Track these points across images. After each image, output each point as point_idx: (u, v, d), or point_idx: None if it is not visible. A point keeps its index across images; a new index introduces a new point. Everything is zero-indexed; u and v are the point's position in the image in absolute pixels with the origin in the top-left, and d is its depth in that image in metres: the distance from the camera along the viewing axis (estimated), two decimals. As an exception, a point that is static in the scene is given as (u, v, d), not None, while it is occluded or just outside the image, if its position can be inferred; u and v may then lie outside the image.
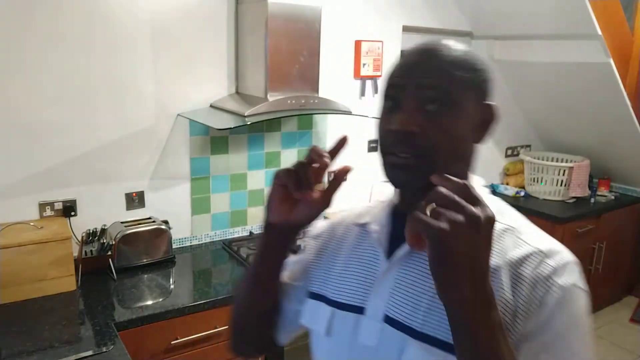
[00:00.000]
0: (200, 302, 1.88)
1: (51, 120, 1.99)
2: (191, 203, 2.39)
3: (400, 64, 0.76)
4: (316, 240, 0.93)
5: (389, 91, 0.76)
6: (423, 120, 0.71)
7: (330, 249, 0.89)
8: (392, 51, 2.87)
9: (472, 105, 0.73)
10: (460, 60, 0.73)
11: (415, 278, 0.74)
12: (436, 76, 0.71)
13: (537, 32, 2.90)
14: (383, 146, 0.76)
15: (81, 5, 1.96)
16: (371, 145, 2.93)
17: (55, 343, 1.59)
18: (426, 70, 0.72)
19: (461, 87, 0.72)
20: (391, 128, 0.72)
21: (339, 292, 0.82)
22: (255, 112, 2.04)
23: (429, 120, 0.70)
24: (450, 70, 0.72)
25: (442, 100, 0.71)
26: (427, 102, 0.71)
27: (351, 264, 0.83)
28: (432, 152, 0.71)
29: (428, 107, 0.71)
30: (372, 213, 0.87)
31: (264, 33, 2.09)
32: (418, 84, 0.72)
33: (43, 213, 2.03)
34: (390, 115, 0.74)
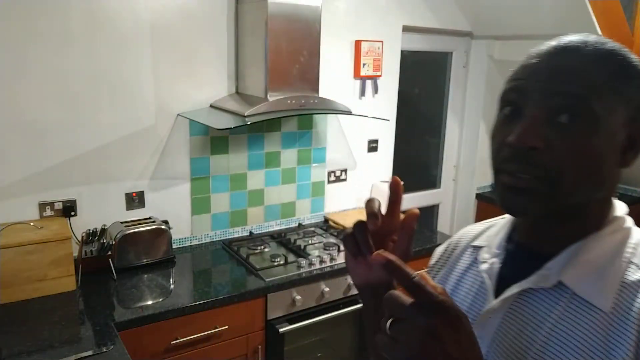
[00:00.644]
0: (200, 302, 1.88)
1: (51, 120, 1.98)
2: (191, 203, 2.39)
3: (526, 64, 0.63)
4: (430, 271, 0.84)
5: (508, 95, 0.63)
6: (550, 134, 0.57)
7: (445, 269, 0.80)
8: (392, 51, 2.87)
9: (619, 119, 0.58)
10: (609, 61, 0.59)
11: (524, 325, 0.63)
12: (571, 80, 0.57)
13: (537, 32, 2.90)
14: (496, 162, 0.63)
15: (82, 6, 1.96)
16: (371, 145, 2.93)
17: (55, 343, 1.59)
18: (558, 72, 0.58)
19: (605, 96, 0.57)
20: (509, 140, 0.59)
21: None
22: (255, 112, 2.04)
23: (558, 135, 0.57)
24: (591, 73, 0.57)
25: (577, 111, 0.57)
26: (557, 111, 0.57)
27: (459, 291, 0.74)
28: (560, 175, 0.58)
29: (558, 119, 0.57)
30: (489, 234, 0.76)
31: (264, 33, 2.09)
32: (547, 89, 0.58)
33: (43, 213, 2.03)
34: (508, 125, 0.61)
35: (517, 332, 0.63)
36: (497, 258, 0.70)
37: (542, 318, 0.62)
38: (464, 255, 0.78)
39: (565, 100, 0.57)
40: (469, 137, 3.46)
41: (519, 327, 0.63)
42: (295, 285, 2.10)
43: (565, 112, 0.57)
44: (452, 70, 3.34)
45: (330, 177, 2.81)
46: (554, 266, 0.63)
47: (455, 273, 0.78)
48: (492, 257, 0.71)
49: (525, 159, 0.59)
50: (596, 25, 2.56)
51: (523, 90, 0.61)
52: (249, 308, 2.01)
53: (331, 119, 2.72)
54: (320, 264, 2.21)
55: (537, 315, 0.62)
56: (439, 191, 3.53)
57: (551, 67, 0.59)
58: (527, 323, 0.63)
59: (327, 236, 2.54)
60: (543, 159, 0.58)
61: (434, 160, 3.51)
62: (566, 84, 0.57)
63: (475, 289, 0.72)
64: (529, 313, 0.63)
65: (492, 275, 0.69)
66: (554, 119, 0.58)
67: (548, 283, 0.62)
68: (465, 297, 0.73)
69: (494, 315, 0.66)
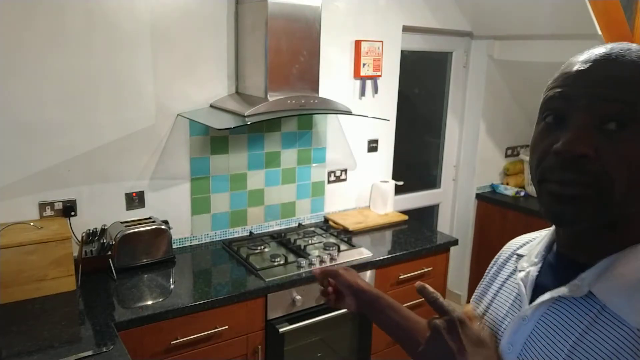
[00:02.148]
0: (200, 302, 1.88)
1: (51, 120, 1.98)
2: (191, 203, 2.39)
3: (569, 71, 0.62)
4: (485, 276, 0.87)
5: (551, 103, 0.62)
6: (599, 141, 0.57)
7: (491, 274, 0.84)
8: (392, 51, 2.87)
9: None
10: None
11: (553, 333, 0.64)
12: (619, 87, 0.57)
13: (537, 32, 2.90)
14: (541, 171, 0.62)
15: (81, 5, 1.96)
16: (371, 145, 2.93)
17: (55, 343, 1.59)
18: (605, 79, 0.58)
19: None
20: (557, 148, 0.58)
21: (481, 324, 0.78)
22: (255, 112, 2.04)
23: (608, 143, 0.57)
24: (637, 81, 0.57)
25: (625, 118, 0.56)
26: (606, 119, 0.57)
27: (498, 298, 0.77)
28: (610, 183, 0.57)
29: (607, 126, 0.57)
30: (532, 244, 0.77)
31: (264, 33, 2.09)
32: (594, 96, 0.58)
33: (43, 213, 2.03)
34: (552, 134, 0.61)
35: (547, 340, 0.64)
36: (535, 267, 0.71)
37: (570, 327, 0.62)
38: (507, 264, 0.80)
39: (614, 107, 0.57)
40: (469, 137, 3.46)
41: (549, 334, 0.64)
42: (295, 285, 2.10)
43: (613, 119, 0.57)
44: (452, 70, 3.34)
45: (330, 177, 2.81)
46: (588, 276, 0.63)
47: (498, 280, 0.80)
48: (530, 266, 0.72)
49: (574, 167, 0.58)
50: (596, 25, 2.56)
51: (568, 97, 0.60)
52: (249, 308, 2.01)
53: (331, 119, 2.72)
54: (320, 264, 2.21)
55: (566, 324, 0.63)
56: (439, 191, 3.53)
57: (597, 75, 0.59)
58: (555, 331, 0.64)
59: (327, 236, 2.54)
60: (593, 166, 0.57)
61: (434, 160, 3.51)
62: (614, 91, 0.57)
63: (512, 297, 0.74)
64: (558, 322, 0.64)
65: (528, 283, 0.70)
66: (602, 126, 0.57)
67: (579, 293, 0.63)
68: (504, 304, 0.75)
69: (526, 321, 0.67)
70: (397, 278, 2.44)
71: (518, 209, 3.23)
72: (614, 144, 0.57)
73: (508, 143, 3.60)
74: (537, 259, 0.72)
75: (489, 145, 3.45)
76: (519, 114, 3.56)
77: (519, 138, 3.65)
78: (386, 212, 2.86)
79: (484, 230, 3.46)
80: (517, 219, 3.22)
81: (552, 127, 0.62)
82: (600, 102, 0.57)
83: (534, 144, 0.64)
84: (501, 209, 3.33)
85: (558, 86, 0.62)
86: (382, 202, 2.88)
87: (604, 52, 0.61)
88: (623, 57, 0.59)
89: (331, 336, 2.30)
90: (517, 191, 3.41)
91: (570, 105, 0.60)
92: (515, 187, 3.47)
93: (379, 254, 2.38)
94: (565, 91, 0.61)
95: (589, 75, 0.59)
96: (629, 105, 0.56)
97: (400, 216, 2.84)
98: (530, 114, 3.57)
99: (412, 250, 2.43)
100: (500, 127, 3.46)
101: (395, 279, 2.44)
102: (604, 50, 0.61)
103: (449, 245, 2.60)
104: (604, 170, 0.57)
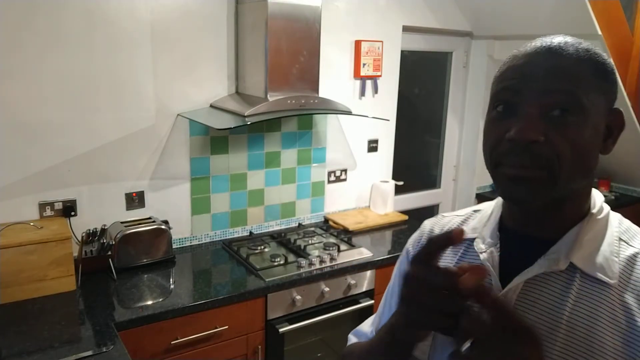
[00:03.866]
0: (200, 302, 1.88)
1: (51, 120, 1.98)
2: (191, 203, 2.39)
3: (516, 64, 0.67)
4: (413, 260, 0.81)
5: (502, 95, 0.67)
6: (547, 127, 0.63)
7: None
8: (392, 51, 2.87)
9: (601, 111, 0.65)
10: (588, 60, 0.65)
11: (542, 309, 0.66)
12: (562, 78, 0.63)
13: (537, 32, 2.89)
14: (496, 157, 0.67)
15: (81, 5, 1.96)
16: (371, 145, 2.93)
17: (55, 343, 1.59)
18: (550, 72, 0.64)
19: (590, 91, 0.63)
20: (510, 135, 0.64)
21: None
22: (255, 112, 2.04)
23: (554, 128, 0.63)
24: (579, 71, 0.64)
25: (568, 106, 0.63)
26: (551, 107, 0.63)
27: None
28: (559, 164, 0.63)
29: (552, 113, 0.63)
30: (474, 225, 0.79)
31: (263, 33, 2.09)
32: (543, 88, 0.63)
33: (43, 213, 2.03)
34: (503, 122, 0.66)
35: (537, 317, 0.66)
36: (495, 247, 0.73)
37: (560, 300, 0.65)
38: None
39: (557, 96, 0.63)
40: (469, 137, 3.46)
41: (537, 311, 0.66)
42: (295, 285, 2.10)
43: (558, 107, 0.63)
44: (452, 70, 3.34)
45: (330, 177, 2.81)
46: (561, 249, 0.67)
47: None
48: (489, 247, 0.73)
49: (527, 152, 0.63)
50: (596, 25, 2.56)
51: (517, 89, 0.65)
52: (249, 308, 2.01)
53: (331, 119, 2.72)
54: (320, 264, 2.21)
55: (555, 298, 0.66)
56: (439, 191, 3.53)
57: (541, 67, 0.64)
58: (545, 307, 0.66)
59: (327, 236, 2.54)
60: (543, 150, 0.63)
61: (434, 160, 3.51)
62: (558, 82, 0.63)
63: None
64: (544, 297, 0.66)
65: (495, 264, 0.71)
66: (548, 113, 0.63)
67: (561, 266, 0.66)
68: None
69: None
70: (397, 278, 2.44)
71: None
72: (559, 129, 0.62)
73: (508, 143, 3.59)
74: (493, 239, 0.74)
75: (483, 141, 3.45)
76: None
77: (519, 138, 3.64)
78: (386, 212, 2.86)
79: (484, 230, 3.45)
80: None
81: (502, 115, 0.67)
82: (545, 93, 0.63)
83: (486, 131, 0.69)
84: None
85: (506, 79, 0.67)
86: (382, 202, 2.88)
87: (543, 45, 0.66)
88: (561, 49, 0.65)
89: (331, 336, 2.30)
90: (517, 191, 3.41)
91: (517, 96, 0.65)
92: (515, 187, 3.46)
93: (379, 254, 2.38)
94: (512, 84, 0.66)
95: (532, 68, 0.65)
96: (570, 93, 0.62)
97: (400, 216, 2.84)
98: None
99: (412, 250, 2.43)
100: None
101: (395, 279, 2.43)
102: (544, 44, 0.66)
103: (449, 245, 2.59)
104: (552, 153, 0.62)
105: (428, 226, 0.90)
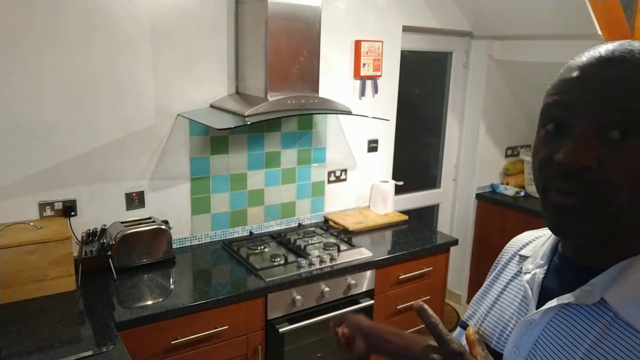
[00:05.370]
0: (200, 302, 1.88)
1: (51, 120, 1.98)
2: (191, 203, 2.39)
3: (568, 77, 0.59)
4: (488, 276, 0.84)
5: (551, 111, 0.60)
6: (602, 151, 0.55)
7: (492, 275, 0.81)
8: (392, 51, 2.87)
9: None
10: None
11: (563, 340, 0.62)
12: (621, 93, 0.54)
13: (537, 32, 2.90)
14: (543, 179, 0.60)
15: (81, 5, 1.96)
16: (371, 145, 2.93)
17: (55, 343, 1.59)
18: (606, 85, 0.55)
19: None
20: (558, 159, 0.56)
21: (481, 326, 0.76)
22: (255, 112, 2.04)
23: (611, 153, 0.54)
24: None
25: (629, 126, 0.54)
26: (608, 128, 0.54)
27: (502, 299, 0.75)
28: (614, 195, 0.55)
29: (609, 135, 0.54)
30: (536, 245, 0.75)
31: (264, 33, 2.09)
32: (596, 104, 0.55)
33: (43, 213, 2.03)
34: (553, 142, 0.59)
35: (556, 347, 0.62)
36: (541, 269, 0.69)
37: (582, 335, 0.60)
38: (510, 264, 0.78)
39: (617, 115, 0.54)
40: (469, 137, 3.46)
41: (558, 341, 0.62)
42: (295, 285, 2.10)
43: (616, 128, 0.54)
44: (452, 70, 3.34)
45: (330, 177, 2.81)
46: (599, 283, 0.61)
47: (501, 280, 0.78)
48: (535, 268, 0.70)
49: (576, 178, 0.56)
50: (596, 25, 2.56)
51: (568, 105, 0.57)
52: (249, 308, 2.01)
53: (331, 119, 2.72)
54: (320, 264, 2.21)
55: (577, 332, 0.61)
56: (439, 191, 3.53)
57: (597, 80, 0.56)
58: (566, 338, 0.62)
59: (327, 236, 2.54)
60: (596, 178, 0.55)
61: (434, 160, 3.51)
62: (616, 97, 0.54)
63: (518, 299, 0.72)
64: (568, 328, 0.62)
65: (535, 286, 0.68)
66: (605, 135, 0.55)
67: (590, 300, 0.61)
68: (508, 306, 0.73)
69: (533, 326, 0.66)
70: (397, 278, 2.44)
71: (518, 209, 3.23)
72: (618, 154, 0.54)
73: (508, 143, 3.60)
74: (543, 261, 0.70)
75: (489, 145, 3.45)
76: (519, 114, 3.56)
77: (519, 138, 3.65)
78: (386, 212, 2.86)
79: (484, 230, 3.46)
80: (517, 219, 3.22)
81: (552, 134, 0.60)
82: (601, 111, 0.55)
83: (535, 150, 0.63)
84: (501, 209, 3.33)
85: (557, 93, 0.59)
86: (382, 202, 2.88)
87: (603, 54, 0.57)
88: (624, 59, 0.55)
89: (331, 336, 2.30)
90: (517, 191, 3.41)
91: (569, 113, 0.57)
92: (515, 187, 3.47)
93: (379, 254, 2.38)
94: (564, 99, 0.58)
95: (588, 81, 0.56)
96: (632, 112, 0.53)
97: (400, 216, 2.84)
98: (530, 114, 3.57)
99: (412, 250, 2.43)
100: (500, 127, 3.46)
101: (395, 279, 2.44)
102: (604, 52, 0.57)
103: (449, 245, 2.60)
104: (607, 182, 0.55)
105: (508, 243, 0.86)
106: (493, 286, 0.79)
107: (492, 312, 0.76)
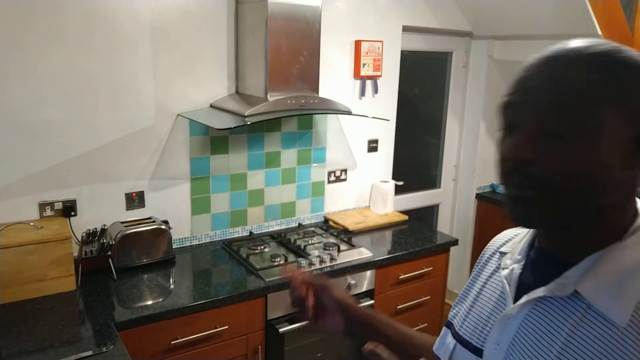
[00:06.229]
0: (200, 302, 1.88)
1: (51, 120, 1.98)
2: (191, 203, 2.39)
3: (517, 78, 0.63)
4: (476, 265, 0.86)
5: (502, 111, 0.64)
6: (543, 145, 0.58)
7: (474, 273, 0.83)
8: (392, 51, 2.87)
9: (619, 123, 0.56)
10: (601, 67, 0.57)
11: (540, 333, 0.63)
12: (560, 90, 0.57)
13: (537, 32, 2.90)
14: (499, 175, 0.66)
15: (81, 5, 1.96)
16: (371, 145, 2.93)
17: (55, 343, 1.59)
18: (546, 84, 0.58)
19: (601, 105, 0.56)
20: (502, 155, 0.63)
21: (463, 324, 0.77)
22: (255, 112, 2.04)
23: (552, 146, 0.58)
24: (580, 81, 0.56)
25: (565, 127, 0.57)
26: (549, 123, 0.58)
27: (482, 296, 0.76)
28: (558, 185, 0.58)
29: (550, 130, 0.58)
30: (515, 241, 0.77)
31: (264, 33, 2.09)
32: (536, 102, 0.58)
33: (43, 213, 2.03)
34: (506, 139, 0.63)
35: (534, 340, 0.63)
36: (518, 264, 0.71)
37: (557, 327, 0.62)
38: (491, 261, 0.80)
39: (554, 116, 0.57)
40: (469, 137, 3.46)
41: (535, 334, 0.63)
42: (295, 285, 2.10)
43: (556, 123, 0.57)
44: (452, 70, 3.34)
45: (330, 177, 2.81)
46: (572, 275, 0.62)
47: (481, 278, 0.80)
48: (513, 263, 0.72)
49: (523, 171, 0.60)
50: (596, 25, 2.56)
51: (514, 105, 0.62)
52: (249, 308, 2.01)
53: (331, 119, 2.72)
54: (320, 264, 2.21)
55: (553, 324, 0.62)
56: (439, 191, 3.53)
57: (540, 80, 0.59)
58: (543, 331, 0.63)
59: (327, 236, 2.54)
60: (539, 170, 0.59)
61: (434, 160, 3.51)
62: (555, 95, 0.57)
63: (496, 295, 0.73)
64: (544, 321, 0.63)
65: (512, 281, 0.70)
66: (547, 130, 0.58)
67: (564, 292, 0.62)
68: (487, 302, 0.74)
69: (511, 320, 0.67)
70: (397, 278, 2.44)
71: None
72: (559, 147, 0.57)
73: (508, 143, 3.59)
74: (520, 256, 0.72)
75: (489, 145, 3.45)
76: (519, 114, 3.55)
77: (519, 138, 3.64)
78: (386, 212, 2.86)
79: (484, 230, 3.46)
80: (517, 219, 3.22)
81: (507, 132, 0.64)
82: (539, 109, 0.58)
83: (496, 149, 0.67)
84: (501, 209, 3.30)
85: (507, 94, 0.63)
86: (382, 202, 2.88)
87: (545, 55, 0.61)
88: (565, 57, 0.59)
89: (331, 336, 2.30)
90: (517, 191, 3.41)
91: (516, 112, 0.61)
92: (515, 187, 3.47)
93: (379, 254, 2.38)
94: (511, 99, 0.62)
95: (529, 81, 0.60)
96: (570, 107, 0.56)
97: (400, 216, 2.84)
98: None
99: (412, 250, 2.43)
100: (500, 127, 3.46)
101: (395, 279, 2.44)
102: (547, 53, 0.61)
103: (449, 245, 2.60)
104: (550, 173, 0.58)
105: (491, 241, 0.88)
106: (474, 284, 0.81)
107: (474, 310, 0.77)
